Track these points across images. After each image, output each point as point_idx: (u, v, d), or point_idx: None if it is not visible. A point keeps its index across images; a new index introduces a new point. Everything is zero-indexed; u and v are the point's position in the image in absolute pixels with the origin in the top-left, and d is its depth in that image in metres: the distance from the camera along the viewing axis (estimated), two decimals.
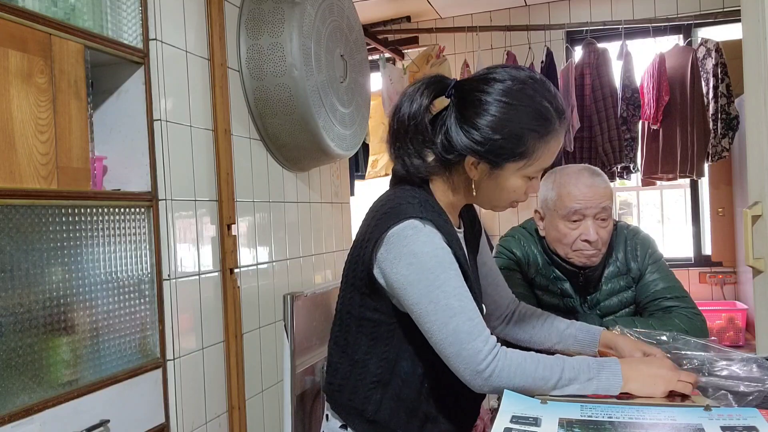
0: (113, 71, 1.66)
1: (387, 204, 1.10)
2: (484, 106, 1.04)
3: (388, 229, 1.04)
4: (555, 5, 4.26)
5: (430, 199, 1.12)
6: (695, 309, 1.56)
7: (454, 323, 0.99)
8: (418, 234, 1.02)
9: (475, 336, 0.99)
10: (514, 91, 1.04)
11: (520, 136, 1.04)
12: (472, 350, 0.98)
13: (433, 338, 1.02)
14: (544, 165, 1.09)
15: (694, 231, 4.22)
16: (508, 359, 0.99)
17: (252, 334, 2.10)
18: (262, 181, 2.21)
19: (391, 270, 1.03)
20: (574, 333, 1.31)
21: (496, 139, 1.04)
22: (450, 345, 0.99)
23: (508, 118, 1.04)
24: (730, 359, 1.14)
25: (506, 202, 1.13)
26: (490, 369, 0.98)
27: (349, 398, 1.14)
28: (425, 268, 1.01)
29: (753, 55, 1.58)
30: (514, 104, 1.04)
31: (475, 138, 1.05)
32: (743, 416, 0.87)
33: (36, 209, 1.34)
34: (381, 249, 1.05)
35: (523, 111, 1.04)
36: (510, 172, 1.07)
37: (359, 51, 2.54)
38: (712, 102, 3.64)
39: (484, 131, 1.04)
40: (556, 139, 1.08)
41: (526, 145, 1.04)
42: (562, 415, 0.89)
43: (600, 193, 1.51)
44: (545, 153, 1.07)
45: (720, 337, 3.65)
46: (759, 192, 1.58)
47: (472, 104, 1.06)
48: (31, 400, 1.30)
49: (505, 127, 1.03)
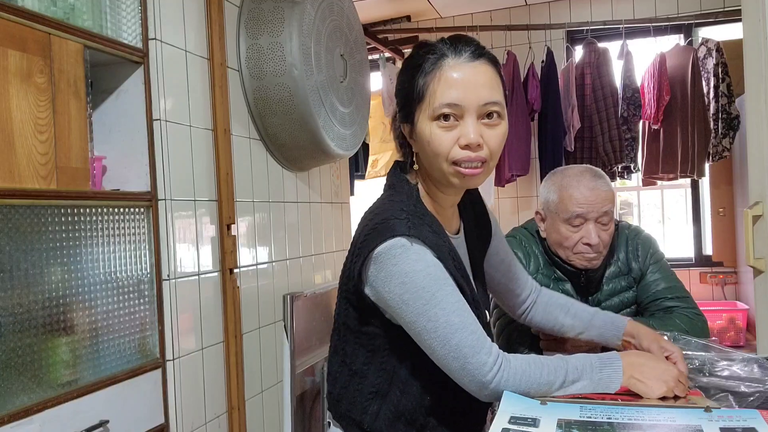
0: (113, 71, 1.66)
1: (375, 218, 1.07)
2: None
3: (375, 247, 1.02)
4: (555, 5, 4.26)
5: (419, 209, 1.09)
6: (696, 309, 1.55)
7: (457, 339, 0.98)
8: (407, 252, 1.00)
9: (478, 349, 0.98)
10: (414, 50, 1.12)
11: (410, 79, 1.07)
12: (477, 363, 0.98)
13: (435, 354, 1.01)
14: (444, 99, 1.01)
15: (695, 231, 4.22)
16: (513, 368, 0.99)
17: (252, 334, 2.10)
18: (262, 180, 2.21)
19: (384, 289, 1.02)
20: (598, 324, 1.30)
21: (398, 91, 1.10)
22: (454, 360, 0.99)
23: (403, 70, 1.10)
24: (731, 359, 1.14)
25: (441, 163, 1.04)
26: (497, 380, 0.97)
27: (348, 408, 1.13)
28: (419, 287, 0.99)
29: (753, 55, 1.58)
30: (407, 58, 1.10)
31: (396, 103, 1.12)
32: (743, 417, 0.87)
33: (35, 209, 1.34)
34: (370, 268, 1.03)
35: (410, 59, 1.09)
36: (420, 121, 1.05)
37: (359, 50, 2.53)
38: (713, 102, 3.64)
39: (397, 92, 1.12)
40: (448, 69, 1.03)
41: (417, 84, 1.05)
42: (560, 416, 0.89)
43: (602, 196, 1.50)
44: (438, 85, 1.02)
45: (721, 338, 3.65)
46: (760, 192, 1.57)
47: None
48: (30, 401, 1.30)
49: (400, 76, 1.10)
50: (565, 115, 3.81)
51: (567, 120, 3.80)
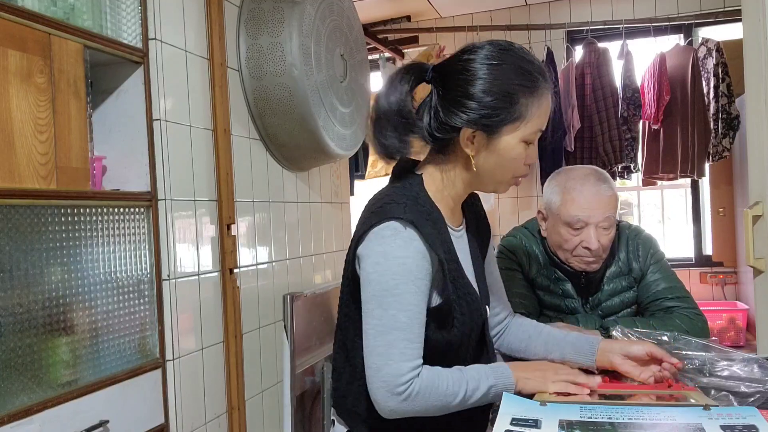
0: (113, 71, 1.66)
1: (377, 203, 1.09)
2: (471, 72, 1.04)
3: (372, 227, 1.03)
4: (555, 5, 4.26)
5: (422, 197, 1.09)
6: (696, 309, 1.55)
7: (393, 336, 0.98)
8: (396, 236, 1.01)
9: (406, 358, 0.98)
10: (496, 53, 1.05)
11: (511, 94, 1.03)
12: (396, 370, 0.97)
13: (366, 342, 1.01)
14: (539, 125, 1.06)
15: (695, 231, 4.22)
16: (423, 379, 1.00)
17: (252, 334, 2.10)
18: (262, 180, 2.21)
19: (361, 265, 1.04)
20: (572, 341, 1.23)
21: (488, 102, 1.02)
22: (378, 356, 0.99)
23: (495, 77, 1.03)
24: (731, 359, 1.14)
25: (509, 176, 1.09)
26: (407, 392, 0.98)
27: (353, 404, 1.13)
28: (389, 271, 1.00)
29: (753, 55, 1.58)
30: (499, 63, 1.03)
31: (468, 106, 1.03)
32: (742, 415, 0.87)
33: (35, 209, 1.34)
34: (361, 245, 1.05)
35: (508, 69, 1.03)
36: (507, 136, 1.05)
37: (359, 50, 2.53)
38: (713, 102, 3.64)
39: (477, 96, 1.02)
40: (546, 97, 1.06)
41: (518, 102, 1.03)
42: (562, 417, 0.89)
43: (605, 201, 1.49)
44: (537, 111, 1.05)
45: (721, 338, 3.65)
46: (760, 192, 1.57)
47: (457, 76, 1.06)
48: (30, 401, 1.30)
49: (495, 87, 1.02)
50: (565, 115, 3.81)
51: (567, 120, 3.80)
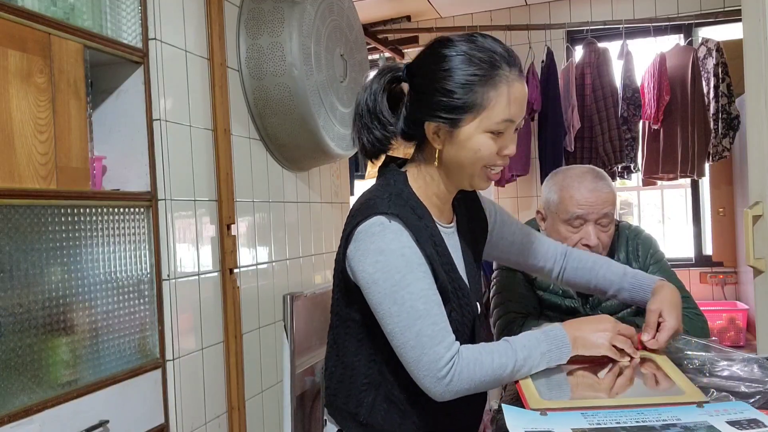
0: (113, 71, 1.66)
1: (361, 199, 1.10)
2: (428, 67, 1.05)
3: (357, 225, 1.03)
4: (555, 5, 4.26)
5: (405, 192, 1.09)
6: (697, 309, 1.55)
7: (418, 327, 0.98)
8: (385, 231, 1.01)
9: (438, 341, 0.98)
10: (452, 45, 1.04)
11: (464, 84, 1.02)
12: (433, 355, 0.97)
13: (395, 341, 1.00)
14: (504, 115, 1.03)
15: (695, 231, 4.22)
16: (465, 358, 0.99)
17: (252, 334, 2.10)
18: (262, 180, 2.21)
19: (358, 267, 1.03)
20: (627, 287, 1.32)
21: (443, 93, 1.03)
22: (412, 349, 0.98)
23: (448, 69, 1.03)
24: (731, 359, 1.14)
25: (477, 168, 1.07)
26: (451, 374, 0.97)
27: (344, 402, 1.13)
28: (392, 267, 0.99)
29: (753, 55, 1.58)
30: (452, 55, 1.03)
31: (426, 100, 1.04)
32: (738, 410, 0.89)
33: (35, 209, 1.34)
34: (351, 246, 1.04)
35: (459, 59, 1.03)
36: (468, 127, 1.04)
37: (359, 50, 2.53)
38: (713, 102, 3.64)
39: (432, 88, 1.04)
40: (509, 85, 1.03)
41: (474, 91, 1.02)
42: (571, 426, 0.88)
43: (603, 198, 1.50)
44: (497, 99, 1.02)
45: (721, 338, 3.65)
46: (760, 192, 1.57)
47: (420, 72, 1.07)
48: (30, 401, 1.30)
49: (447, 79, 1.02)
50: (565, 115, 3.82)
51: (567, 120, 3.81)
